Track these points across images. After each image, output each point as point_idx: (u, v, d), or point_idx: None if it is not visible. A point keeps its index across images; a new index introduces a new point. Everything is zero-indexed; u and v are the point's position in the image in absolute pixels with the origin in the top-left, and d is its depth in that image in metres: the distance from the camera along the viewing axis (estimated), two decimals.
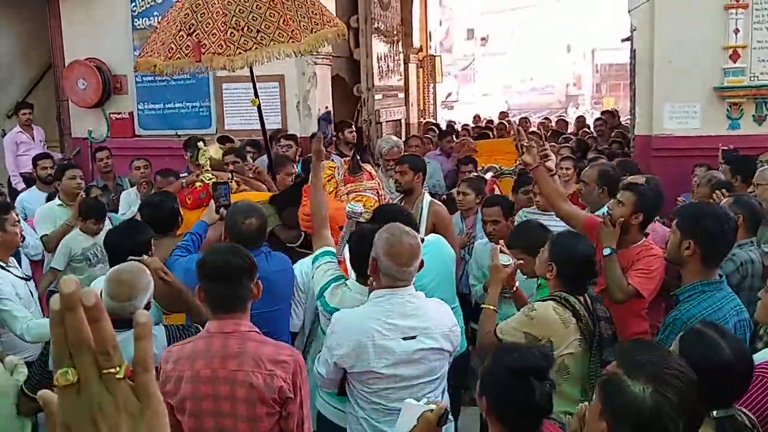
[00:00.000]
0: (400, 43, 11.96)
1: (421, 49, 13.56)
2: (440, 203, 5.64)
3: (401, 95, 12.18)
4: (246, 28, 5.27)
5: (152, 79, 9.14)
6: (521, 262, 3.84)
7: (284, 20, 5.34)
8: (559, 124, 13.97)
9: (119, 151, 8.60)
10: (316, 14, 5.59)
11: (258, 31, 5.27)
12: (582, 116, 16.30)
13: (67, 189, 6.12)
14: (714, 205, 3.94)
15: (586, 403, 2.25)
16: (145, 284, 3.18)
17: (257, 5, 5.31)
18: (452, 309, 3.65)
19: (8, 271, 4.44)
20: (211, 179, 5.16)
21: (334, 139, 8.24)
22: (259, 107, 6.03)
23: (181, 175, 6.54)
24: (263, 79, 8.08)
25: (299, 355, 2.95)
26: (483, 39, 44.47)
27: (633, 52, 8.19)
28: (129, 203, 6.84)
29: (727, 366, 2.22)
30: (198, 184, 5.34)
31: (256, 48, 5.29)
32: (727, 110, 7.75)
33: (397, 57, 11.80)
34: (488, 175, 7.50)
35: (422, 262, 3.25)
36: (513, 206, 5.41)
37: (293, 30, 5.36)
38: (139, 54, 5.91)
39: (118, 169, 8.01)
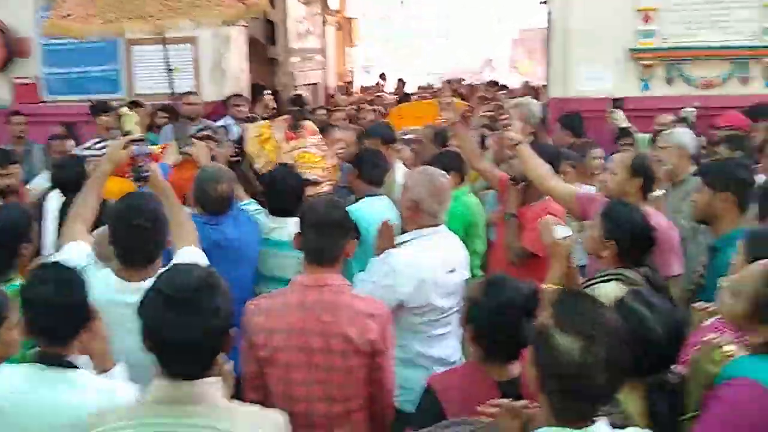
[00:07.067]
0: (317, 4, 11.77)
1: (339, 11, 13.39)
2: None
3: (320, 58, 12.01)
4: None
5: (59, 41, 8.76)
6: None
7: None
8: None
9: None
10: None
11: None
12: (493, 80, 16.02)
13: None
14: (736, 158, 4.43)
15: None
16: None
17: None
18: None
19: None
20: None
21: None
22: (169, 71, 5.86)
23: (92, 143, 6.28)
24: (176, 40, 7.81)
25: (388, 310, 2.99)
26: (401, 1, 44.32)
27: (549, 14, 8.25)
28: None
29: (656, 341, 2.25)
30: None
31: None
32: (640, 72, 7.91)
33: (315, 19, 11.61)
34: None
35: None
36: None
37: None
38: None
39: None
